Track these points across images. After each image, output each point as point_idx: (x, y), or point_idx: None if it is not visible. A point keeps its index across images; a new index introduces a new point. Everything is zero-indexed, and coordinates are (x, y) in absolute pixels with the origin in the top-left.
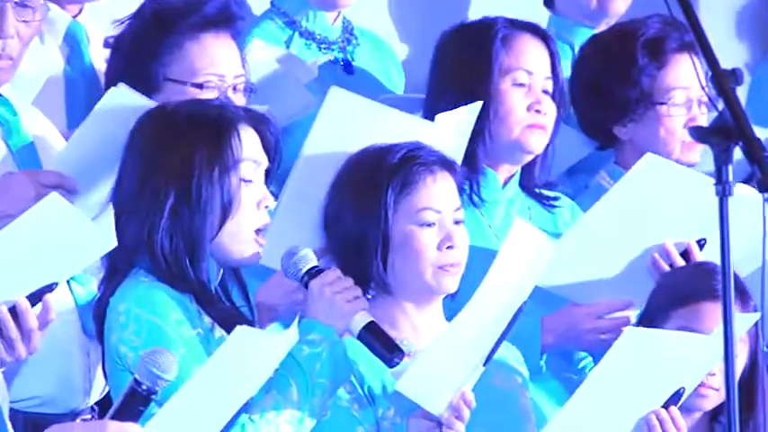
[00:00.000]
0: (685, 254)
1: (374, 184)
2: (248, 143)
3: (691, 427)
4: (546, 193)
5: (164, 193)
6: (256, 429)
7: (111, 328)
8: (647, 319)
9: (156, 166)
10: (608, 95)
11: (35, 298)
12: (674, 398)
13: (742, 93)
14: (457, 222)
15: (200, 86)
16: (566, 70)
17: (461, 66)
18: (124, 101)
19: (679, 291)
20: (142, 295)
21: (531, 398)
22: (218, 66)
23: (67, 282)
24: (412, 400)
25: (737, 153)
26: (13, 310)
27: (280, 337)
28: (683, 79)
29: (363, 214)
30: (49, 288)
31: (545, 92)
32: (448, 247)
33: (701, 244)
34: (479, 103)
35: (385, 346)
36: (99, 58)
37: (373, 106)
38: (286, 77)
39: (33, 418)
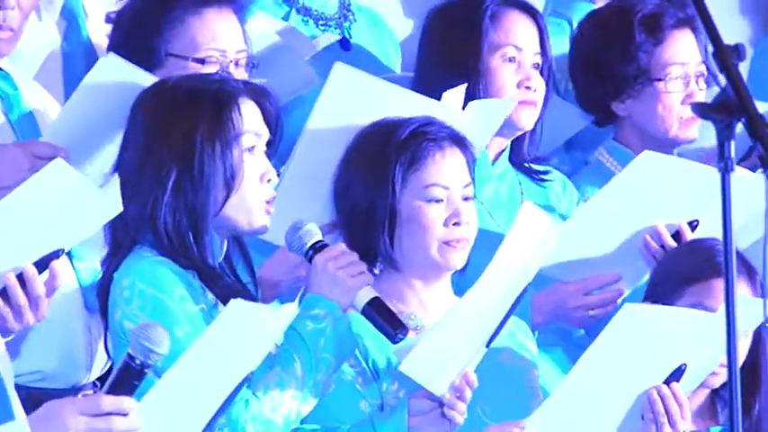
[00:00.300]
0: (676, 235)
1: (383, 158)
2: (249, 116)
3: (697, 403)
4: (536, 167)
5: (166, 169)
6: (261, 405)
7: (115, 303)
8: (653, 301)
9: (158, 143)
10: (606, 72)
11: (42, 265)
12: (676, 374)
13: (744, 68)
14: (466, 199)
15: (201, 61)
16: (564, 46)
17: (450, 43)
18: (115, 70)
19: (684, 271)
20: (146, 270)
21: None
22: (219, 41)
23: (69, 257)
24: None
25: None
26: (21, 277)
27: (276, 311)
28: (681, 55)
29: (372, 188)
30: (56, 255)
31: (535, 66)
32: (455, 224)
33: (693, 225)
34: (513, 101)
35: (389, 322)
36: (96, 32)
37: (378, 83)
38: (287, 51)
39: (35, 392)
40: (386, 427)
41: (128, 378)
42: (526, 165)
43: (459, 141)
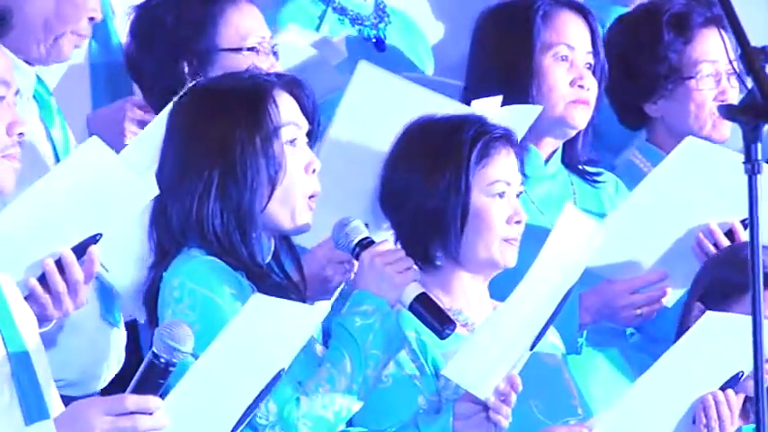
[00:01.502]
0: (729, 233)
1: (453, 157)
2: (285, 108)
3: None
4: (589, 169)
5: (208, 174)
6: (312, 403)
7: (165, 302)
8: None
9: (196, 149)
10: (637, 73)
11: (80, 250)
12: (733, 381)
13: None
14: (518, 195)
15: (253, 50)
16: None
17: (502, 44)
18: None
19: (732, 281)
20: (196, 270)
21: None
22: (260, 28)
23: None
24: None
25: None
26: (59, 263)
27: (305, 308)
28: (711, 53)
29: (443, 187)
30: (93, 239)
31: (588, 67)
32: (516, 222)
33: (746, 223)
34: (539, 108)
35: (436, 318)
36: (123, 30)
37: (402, 83)
38: (318, 61)
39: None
40: (431, 430)
41: (153, 377)
42: (579, 166)
43: (512, 138)
